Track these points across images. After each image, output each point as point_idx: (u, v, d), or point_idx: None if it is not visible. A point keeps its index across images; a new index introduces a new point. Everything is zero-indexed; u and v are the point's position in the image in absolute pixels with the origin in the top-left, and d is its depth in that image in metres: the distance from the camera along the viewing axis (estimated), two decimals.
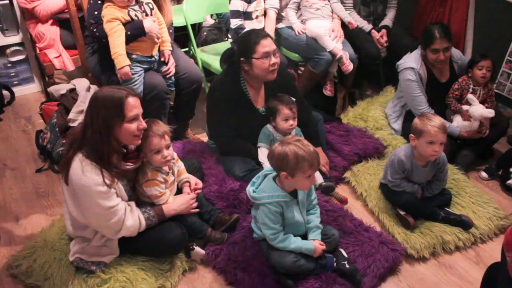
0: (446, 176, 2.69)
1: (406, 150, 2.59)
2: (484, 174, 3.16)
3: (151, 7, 2.74)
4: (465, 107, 3.08)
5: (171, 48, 2.88)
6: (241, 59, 2.58)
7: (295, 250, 2.16)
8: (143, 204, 2.22)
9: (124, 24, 2.61)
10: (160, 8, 2.84)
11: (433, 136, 2.42)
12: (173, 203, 2.24)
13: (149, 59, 2.77)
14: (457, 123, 3.09)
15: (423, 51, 3.12)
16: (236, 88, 2.68)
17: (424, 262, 2.49)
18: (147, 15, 2.70)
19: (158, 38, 2.73)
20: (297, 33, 3.44)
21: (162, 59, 2.85)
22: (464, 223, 2.59)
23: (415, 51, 3.19)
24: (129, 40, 2.63)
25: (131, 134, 2.01)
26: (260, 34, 2.57)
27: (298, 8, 3.48)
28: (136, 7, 2.66)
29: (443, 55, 3.02)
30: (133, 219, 2.08)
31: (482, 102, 3.11)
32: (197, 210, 2.34)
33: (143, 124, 2.04)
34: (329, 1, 3.46)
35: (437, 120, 2.46)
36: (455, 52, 3.27)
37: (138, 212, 2.12)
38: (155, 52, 2.79)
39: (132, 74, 2.67)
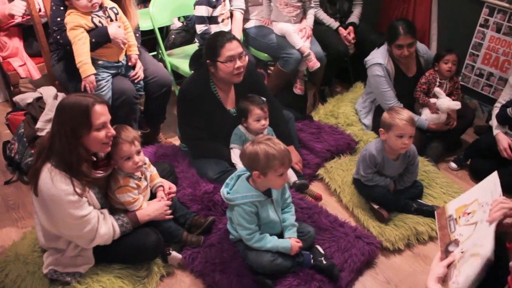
0: (417, 168, 2.74)
1: (376, 145, 2.63)
2: (453, 165, 3.23)
3: (116, 12, 2.70)
4: (432, 100, 3.15)
5: (138, 53, 2.84)
6: (207, 61, 2.58)
7: (271, 249, 2.17)
8: (117, 211, 2.19)
9: (88, 31, 2.57)
10: (125, 12, 2.81)
11: (402, 129, 2.46)
12: (147, 209, 2.22)
13: (116, 64, 2.73)
14: (426, 116, 3.15)
15: (389, 47, 3.17)
16: (205, 90, 2.67)
17: (399, 254, 2.54)
18: (111, 20, 2.66)
19: (124, 44, 2.69)
20: (263, 22, 3.49)
21: (130, 63, 2.82)
22: None
23: (382, 47, 3.24)
24: (94, 47, 2.58)
25: (100, 142, 1.98)
26: (225, 37, 2.55)
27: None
28: (100, 13, 2.62)
29: (407, 51, 3.07)
30: (106, 227, 2.05)
31: (449, 94, 3.18)
32: (171, 216, 2.32)
33: (112, 131, 2.01)
34: (302, 8, 3.45)
35: (405, 113, 2.50)
36: (420, 46, 3.33)
37: (112, 219, 2.09)
38: (122, 57, 2.75)
39: (100, 80, 2.63)
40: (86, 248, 2.09)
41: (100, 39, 2.59)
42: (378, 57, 3.18)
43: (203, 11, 3.18)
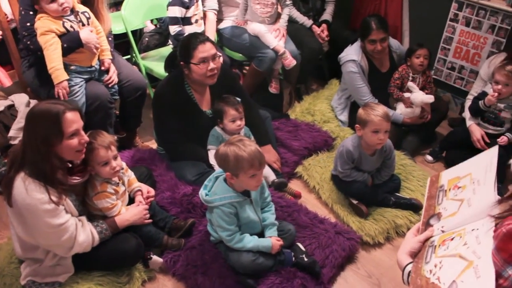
0: (394, 162, 2.77)
1: (353, 141, 2.65)
2: (429, 157, 3.28)
3: (88, 16, 2.67)
4: (406, 94, 3.19)
5: (111, 57, 2.81)
6: (181, 63, 2.57)
7: (253, 249, 2.17)
8: (95, 218, 2.16)
9: (59, 36, 2.52)
10: (98, 17, 2.77)
11: (377, 125, 2.49)
12: (126, 214, 2.20)
13: (89, 69, 2.70)
14: (400, 111, 3.20)
15: (362, 43, 3.20)
16: (180, 92, 2.65)
17: (379, 248, 2.57)
18: (83, 25, 2.62)
19: (96, 49, 2.66)
20: (237, 23, 3.48)
21: (103, 68, 2.78)
22: (414, 206, 2.68)
23: (355, 43, 3.27)
24: (66, 52, 2.54)
25: (73, 150, 1.95)
26: (198, 39, 2.54)
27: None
28: (72, 17, 2.58)
29: (380, 46, 3.11)
30: (85, 234, 2.02)
31: (422, 88, 3.23)
32: (150, 220, 2.30)
33: (85, 138, 1.98)
34: (276, 5, 3.46)
35: (380, 109, 2.52)
36: (393, 42, 3.37)
37: (90, 226, 2.06)
38: (95, 62, 2.72)
39: (73, 85, 2.59)
40: (65, 256, 2.06)
41: (72, 44, 2.55)
42: (351, 53, 3.21)
43: (176, 11, 3.16)
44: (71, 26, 2.56)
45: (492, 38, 3.40)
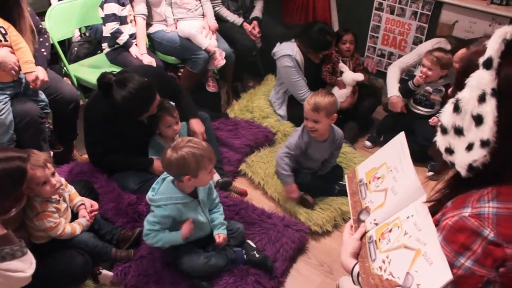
0: (338, 155, 2.85)
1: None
2: (368, 143, 3.39)
3: (4, 32, 2.47)
4: (339, 78, 3.30)
5: (34, 69, 2.55)
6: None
7: (165, 246, 2.16)
8: (39, 239, 2.09)
9: None
10: (21, 32, 2.60)
11: (305, 112, 2.57)
12: None
13: (12, 84, 2.53)
14: (336, 93, 3.25)
15: (298, 42, 3.23)
16: (113, 105, 2.55)
17: (328, 236, 2.63)
18: None
19: (15, 71, 2.47)
20: (167, 31, 3.45)
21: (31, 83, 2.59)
22: None
23: (288, 42, 3.29)
24: None
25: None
26: (149, 106, 2.44)
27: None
28: None
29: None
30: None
31: (353, 71, 3.35)
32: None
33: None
34: (200, 1, 3.46)
35: (314, 99, 2.52)
36: None
37: None
38: (17, 76, 2.54)
39: None
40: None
41: None
42: (286, 48, 3.24)
43: (113, 8, 3.12)
44: None
45: (416, 24, 3.55)
